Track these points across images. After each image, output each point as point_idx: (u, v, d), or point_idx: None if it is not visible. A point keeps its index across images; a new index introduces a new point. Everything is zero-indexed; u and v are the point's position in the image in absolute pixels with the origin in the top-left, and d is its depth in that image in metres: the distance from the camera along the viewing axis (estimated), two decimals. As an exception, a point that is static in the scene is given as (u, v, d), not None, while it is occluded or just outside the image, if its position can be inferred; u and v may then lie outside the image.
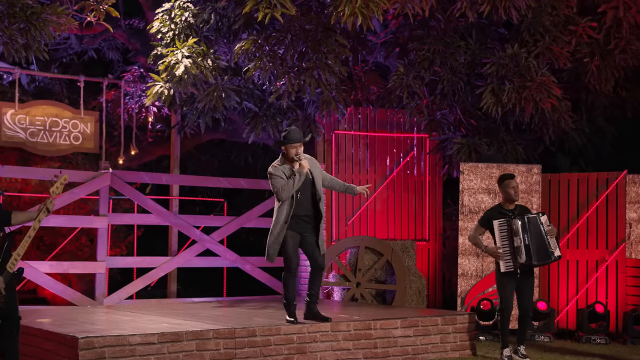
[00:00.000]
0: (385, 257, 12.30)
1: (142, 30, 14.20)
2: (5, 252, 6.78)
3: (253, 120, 12.38)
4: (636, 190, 11.61)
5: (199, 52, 11.08)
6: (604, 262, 11.76)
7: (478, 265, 11.62)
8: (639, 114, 13.76)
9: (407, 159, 13.50)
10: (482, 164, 11.68)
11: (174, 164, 13.39)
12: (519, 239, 9.03)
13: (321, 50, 11.05)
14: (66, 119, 12.00)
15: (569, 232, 11.94)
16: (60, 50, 14.99)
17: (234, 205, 15.47)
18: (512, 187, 9.24)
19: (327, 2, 11.09)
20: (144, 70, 13.39)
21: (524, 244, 9.02)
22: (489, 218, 9.29)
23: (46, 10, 9.79)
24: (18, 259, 6.82)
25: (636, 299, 11.50)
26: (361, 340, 9.02)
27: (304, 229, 8.88)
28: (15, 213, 7.14)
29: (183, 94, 11.39)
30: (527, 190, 11.65)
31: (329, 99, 11.58)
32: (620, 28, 11.46)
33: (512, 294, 9.22)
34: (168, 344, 7.83)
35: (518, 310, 9.31)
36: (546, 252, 9.07)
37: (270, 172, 8.78)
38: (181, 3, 11.42)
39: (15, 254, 6.83)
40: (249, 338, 8.31)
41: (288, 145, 8.75)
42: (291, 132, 8.81)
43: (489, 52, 11.75)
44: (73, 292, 11.49)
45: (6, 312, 6.79)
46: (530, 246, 9.02)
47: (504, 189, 9.27)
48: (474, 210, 11.60)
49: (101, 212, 11.72)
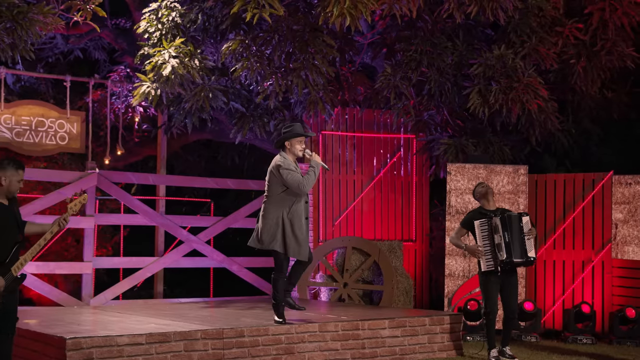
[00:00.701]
0: (373, 258, 12.31)
1: (128, 30, 14.16)
2: (14, 255, 6.73)
3: (240, 121, 12.35)
4: (622, 191, 11.66)
5: (186, 52, 11.05)
6: (590, 263, 11.81)
7: (465, 266, 11.64)
8: (624, 115, 13.83)
9: (394, 160, 13.52)
10: (469, 165, 11.71)
11: (161, 164, 13.35)
12: (499, 236, 9.09)
13: (308, 51, 11.04)
14: (52, 119, 11.94)
15: (555, 232, 11.99)
16: (46, 50, 14.91)
17: (221, 205, 15.45)
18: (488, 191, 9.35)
19: (314, 2, 11.09)
20: (131, 70, 13.35)
21: (504, 241, 9.08)
22: (469, 219, 9.35)
23: (33, 10, 9.73)
24: (24, 264, 6.78)
25: (622, 299, 11.55)
26: (349, 341, 9.02)
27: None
28: (30, 223, 7.09)
29: (170, 94, 11.37)
30: (513, 191, 11.69)
31: (316, 100, 11.57)
32: (607, 29, 11.50)
33: (496, 296, 9.25)
34: (156, 344, 7.81)
35: (503, 311, 9.35)
36: (524, 251, 9.14)
37: (281, 166, 8.61)
38: (168, 3, 11.38)
39: (22, 258, 6.77)
40: (237, 338, 8.30)
41: (294, 139, 8.73)
42: (295, 126, 8.80)
43: (476, 53, 11.78)
44: (59, 292, 11.44)
45: (4, 314, 6.73)
46: (510, 244, 9.08)
47: (481, 195, 9.36)
48: (461, 210, 11.62)
49: (88, 213, 11.67)
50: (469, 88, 11.47)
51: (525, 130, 12.27)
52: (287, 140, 8.76)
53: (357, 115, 13.31)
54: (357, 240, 12.52)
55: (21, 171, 6.86)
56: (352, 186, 13.29)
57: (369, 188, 13.33)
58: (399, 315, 9.67)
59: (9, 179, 6.79)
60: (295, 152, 8.76)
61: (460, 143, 12.08)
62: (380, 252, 12.28)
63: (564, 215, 11.99)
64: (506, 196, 11.67)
